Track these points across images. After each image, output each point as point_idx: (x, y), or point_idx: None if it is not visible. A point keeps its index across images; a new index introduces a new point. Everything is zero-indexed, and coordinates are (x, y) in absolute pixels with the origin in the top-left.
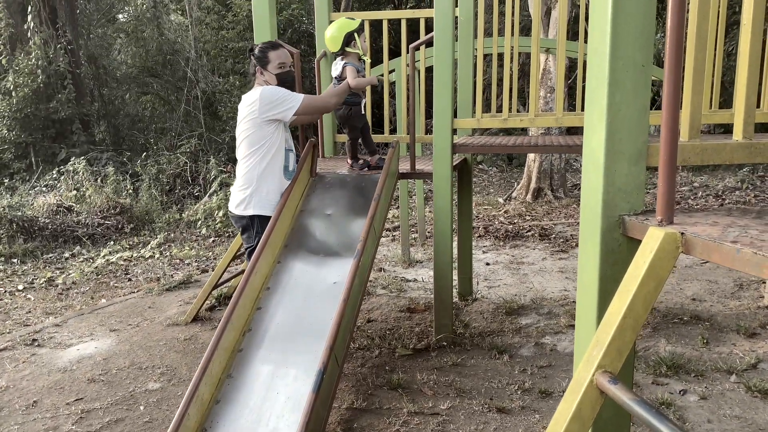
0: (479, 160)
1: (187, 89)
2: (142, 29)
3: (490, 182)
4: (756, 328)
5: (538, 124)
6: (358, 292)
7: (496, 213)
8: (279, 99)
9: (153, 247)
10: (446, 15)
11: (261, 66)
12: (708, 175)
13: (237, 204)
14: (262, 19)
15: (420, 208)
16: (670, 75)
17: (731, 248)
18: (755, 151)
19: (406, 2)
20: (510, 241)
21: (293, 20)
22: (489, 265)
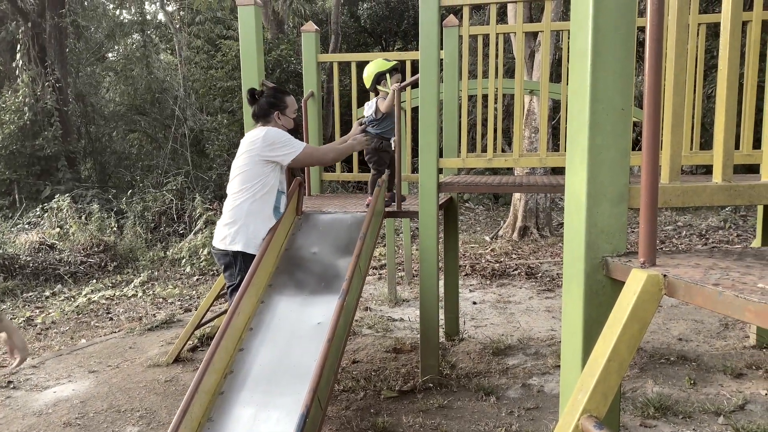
0: (466, 198)
1: (174, 127)
2: (132, 68)
3: (477, 220)
4: (742, 369)
5: (523, 164)
6: (343, 332)
7: (483, 251)
8: (281, 142)
9: (136, 286)
10: (431, 57)
11: (279, 110)
12: (691, 215)
13: (222, 239)
14: (249, 59)
15: (407, 246)
16: (649, 119)
17: (713, 291)
18: (734, 193)
19: (394, 44)
20: (497, 280)
21: (282, 60)
22: (476, 304)
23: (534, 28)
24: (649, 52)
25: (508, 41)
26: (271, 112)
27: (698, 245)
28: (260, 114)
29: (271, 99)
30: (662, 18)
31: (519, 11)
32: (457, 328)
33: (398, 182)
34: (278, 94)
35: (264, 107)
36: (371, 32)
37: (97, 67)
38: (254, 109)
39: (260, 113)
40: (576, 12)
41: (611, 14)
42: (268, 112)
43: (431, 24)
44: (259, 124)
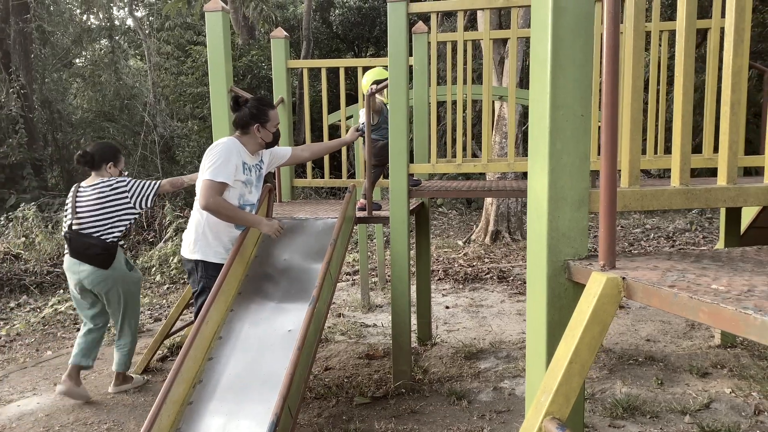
0: (439, 203)
1: (144, 134)
2: (99, 74)
3: (450, 225)
4: (708, 368)
5: (492, 169)
6: (314, 339)
7: (456, 256)
8: (209, 163)
9: None
10: (400, 64)
11: (260, 123)
12: (659, 218)
13: (184, 247)
14: (217, 65)
15: (380, 252)
16: (606, 125)
17: (669, 293)
18: (692, 197)
19: (366, 50)
20: (469, 284)
21: (252, 66)
22: (449, 308)
23: (501, 35)
24: (607, 58)
25: (480, 47)
26: (252, 124)
27: (666, 247)
28: (240, 123)
29: (253, 110)
30: (618, 25)
31: (486, 18)
32: (429, 332)
33: (369, 188)
34: (261, 107)
35: (245, 118)
36: (343, 38)
37: (63, 73)
38: (236, 117)
39: (240, 123)
40: (536, 19)
41: (570, 22)
42: (249, 123)
43: (400, 30)
44: (237, 132)
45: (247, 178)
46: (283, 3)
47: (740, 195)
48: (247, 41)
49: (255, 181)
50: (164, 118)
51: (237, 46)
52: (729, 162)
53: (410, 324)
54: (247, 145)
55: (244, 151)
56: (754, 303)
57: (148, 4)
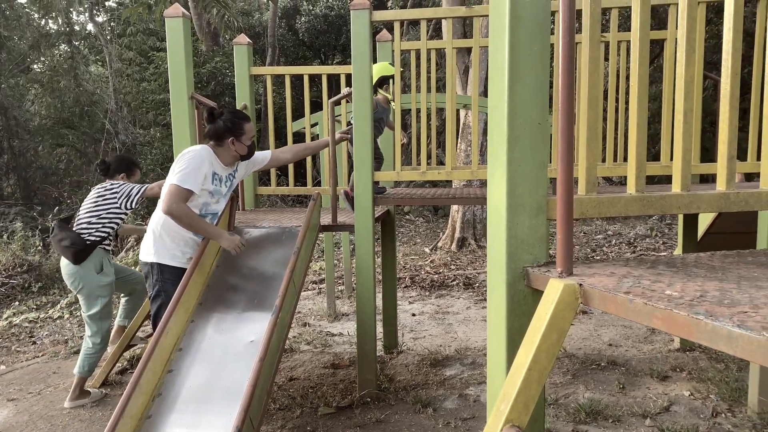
0: (406, 211)
1: (105, 141)
2: (58, 80)
3: (417, 232)
4: (668, 371)
5: (455, 177)
6: (276, 350)
7: (423, 263)
8: (178, 169)
9: (62, 307)
10: (363, 71)
11: (235, 136)
12: (621, 224)
13: (142, 250)
14: (178, 72)
15: (346, 260)
16: (563, 134)
17: (624, 299)
18: (647, 204)
19: (333, 58)
20: (436, 291)
21: (216, 73)
22: (415, 315)
23: (464, 44)
24: (562, 68)
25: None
26: (226, 137)
27: (627, 253)
28: (214, 136)
29: (228, 124)
30: (572, 35)
31: (449, 27)
32: (395, 340)
33: (333, 196)
34: (237, 120)
35: (220, 130)
36: (310, 45)
37: (20, 79)
38: (210, 128)
39: (215, 135)
40: (493, 29)
41: (527, 31)
42: (223, 136)
43: (363, 38)
44: (211, 142)
45: (215, 188)
46: (249, 10)
47: (694, 202)
48: (211, 48)
49: (224, 192)
50: (126, 125)
51: (201, 53)
52: (683, 169)
53: (375, 332)
54: (220, 155)
55: (216, 161)
56: (706, 308)
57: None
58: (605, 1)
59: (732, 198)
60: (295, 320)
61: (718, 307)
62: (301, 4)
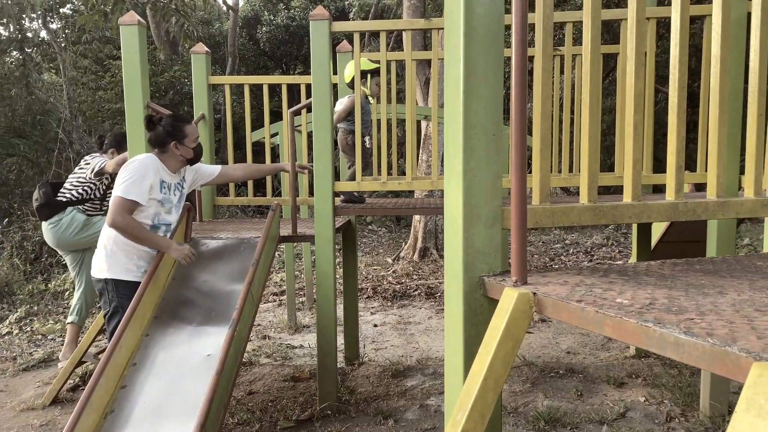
0: (368, 221)
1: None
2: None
3: (380, 242)
4: (624, 378)
5: (416, 187)
6: (234, 363)
7: (385, 273)
8: (121, 179)
9: (11, 322)
10: (323, 82)
11: (177, 140)
12: (578, 233)
13: (94, 266)
14: (133, 81)
15: (307, 271)
16: (515, 145)
17: (576, 307)
18: (599, 213)
19: (295, 68)
20: (398, 301)
21: (175, 82)
22: (377, 326)
23: (423, 56)
24: (514, 80)
25: None
26: (168, 142)
27: (584, 262)
28: (156, 142)
29: (168, 128)
30: (525, 48)
31: (408, 39)
32: (357, 352)
33: (293, 207)
34: (177, 123)
35: (161, 136)
36: (271, 55)
37: None
38: (150, 136)
39: (156, 142)
40: (449, 42)
41: (481, 44)
42: (165, 142)
43: (322, 49)
44: (155, 150)
45: (164, 197)
46: (209, 19)
47: (644, 211)
48: (169, 56)
49: (175, 201)
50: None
51: (159, 62)
52: (633, 180)
53: (336, 344)
54: (167, 162)
55: (163, 168)
56: (654, 316)
57: (63, 16)
58: (559, 15)
59: (680, 207)
60: (255, 333)
61: (666, 315)
62: (263, 14)
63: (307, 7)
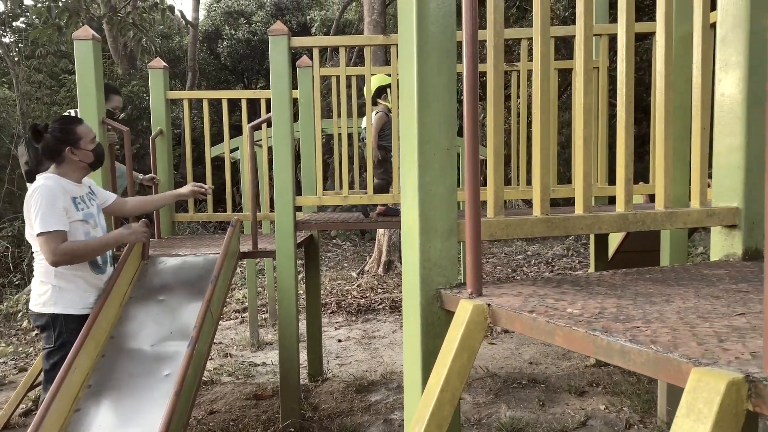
0: (333, 235)
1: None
2: None
3: (345, 257)
4: (585, 387)
5: (377, 200)
6: (193, 382)
7: (350, 287)
8: (34, 215)
9: None
10: (282, 97)
11: (71, 145)
12: (539, 244)
13: (34, 300)
14: (88, 96)
15: (269, 287)
16: (468, 159)
17: (529, 317)
18: (552, 225)
19: (257, 82)
20: (362, 315)
21: (133, 97)
22: (341, 341)
23: (381, 71)
24: (466, 97)
25: None
26: (62, 149)
27: (546, 272)
28: (49, 153)
29: (57, 134)
30: (476, 65)
31: (367, 55)
32: (320, 368)
33: (253, 223)
34: (66, 126)
35: (51, 144)
36: (232, 70)
37: None
38: (41, 148)
39: (49, 152)
40: (403, 59)
41: (433, 61)
42: (58, 150)
43: (282, 64)
44: (51, 167)
45: (85, 213)
46: (168, 33)
47: (595, 223)
48: (127, 71)
49: (95, 211)
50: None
51: (117, 76)
52: (584, 192)
53: (299, 360)
54: (68, 174)
55: (68, 183)
56: (603, 325)
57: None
58: (514, 32)
59: (630, 218)
60: (217, 351)
61: (613, 324)
62: (223, 28)
63: (268, 22)
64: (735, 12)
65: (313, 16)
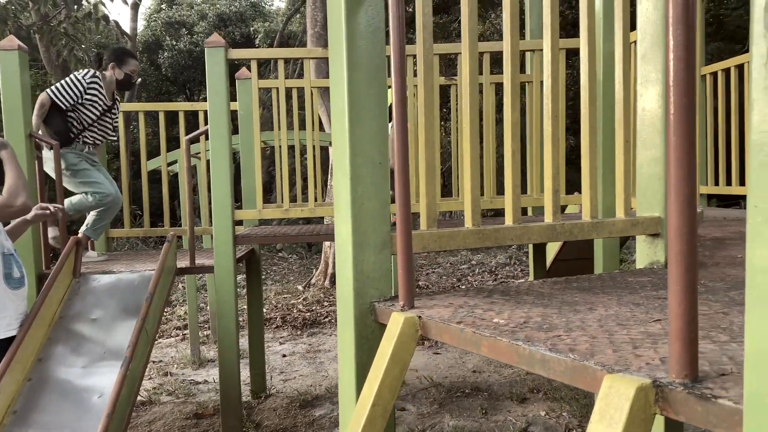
0: (279, 248)
1: None
2: None
3: (291, 270)
4: (526, 393)
5: (318, 213)
6: (127, 404)
7: (295, 301)
8: None
9: None
10: (220, 109)
11: None
12: (483, 254)
13: None
14: (13, 109)
15: (212, 303)
16: (399, 172)
17: (456, 328)
18: (483, 236)
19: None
20: (308, 329)
21: None
22: (285, 356)
23: (322, 83)
24: (395, 110)
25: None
26: None
27: (489, 281)
28: None
29: None
30: (405, 80)
31: (307, 67)
32: (263, 384)
33: (191, 238)
34: None
35: None
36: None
37: None
38: None
39: None
40: (333, 73)
41: (363, 75)
42: None
43: (219, 76)
44: None
45: None
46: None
47: (525, 233)
48: None
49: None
50: None
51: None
52: (513, 203)
53: (240, 377)
54: None
55: None
56: (526, 334)
57: None
58: (452, 47)
59: (558, 229)
60: (157, 370)
61: (536, 333)
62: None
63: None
64: (652, 31)
65: (256, 27)
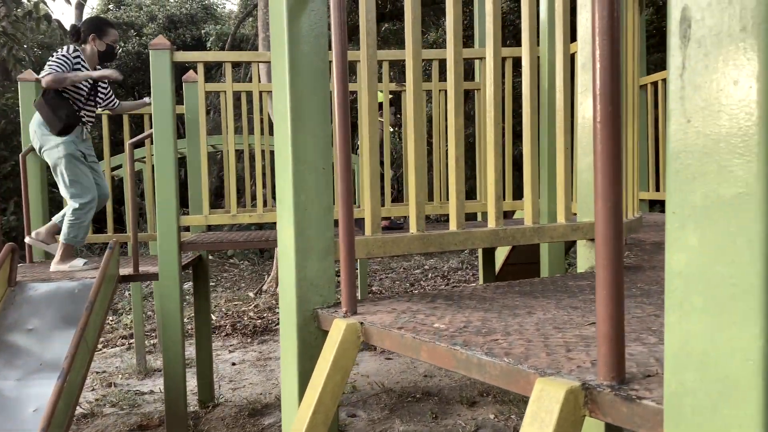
0: (230, 254)
1: None
2: None
3: (242, 276)
4: (475, 397)
5: (267, 219)
6: (64, 418)
7: (246, 308)
8: None
9: None
10: (165, 113)
11: None
12: (437, 258)
13: None
14: None
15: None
16: (341, 178)
17: (397, 334)
18: (428, 242)
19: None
20: (258, 337)
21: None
22: (235, 365)
23: (270, 88)
24: (337, 116)
25: None
26: None
27: (442, 285)
28: None
29: None
30: (346, 85)
31: (255, 71)
32: (211, 393)
33: (134, 244)
34: None
35: None
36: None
37: None
38: None
39: None
40: (276, 79)
41: (306, 81)
42: None
43: (164, 79)
44: None
45: None
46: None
47: (468, 239)
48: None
49: None
50: None
51: None
52: (457, 210)
53: (186, 387)
54: None
55: None
56: (464, 339)
57: None
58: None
59: (501, 234)
60: (100, 381)
61: (475, 337)
62: None
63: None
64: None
65: (208, 30)
